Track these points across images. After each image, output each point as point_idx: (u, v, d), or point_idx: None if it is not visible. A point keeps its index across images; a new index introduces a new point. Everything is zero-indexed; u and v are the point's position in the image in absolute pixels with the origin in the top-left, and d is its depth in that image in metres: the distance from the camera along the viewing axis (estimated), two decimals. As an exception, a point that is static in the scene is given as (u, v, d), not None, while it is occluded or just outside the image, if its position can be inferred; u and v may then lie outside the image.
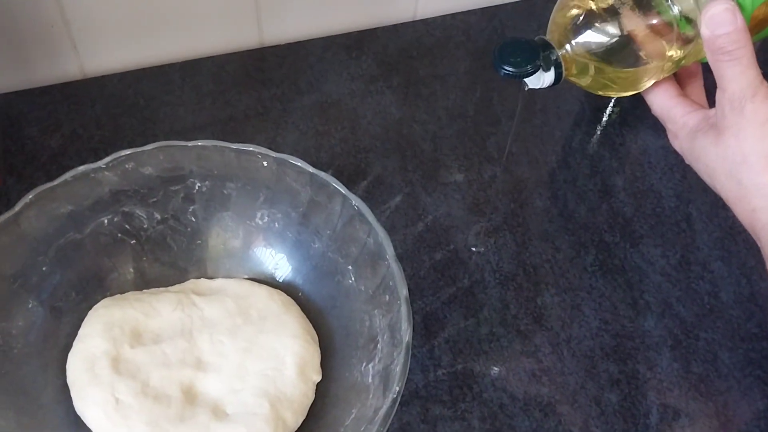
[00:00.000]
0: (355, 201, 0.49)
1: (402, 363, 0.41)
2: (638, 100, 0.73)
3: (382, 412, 0.40)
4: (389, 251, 0.46)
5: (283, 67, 0.72)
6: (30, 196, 0.47)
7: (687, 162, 0.45)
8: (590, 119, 0.71)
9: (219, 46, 0.72)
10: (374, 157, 0.66)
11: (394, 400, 0.40)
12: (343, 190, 0.49)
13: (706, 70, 0.43)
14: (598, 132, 0.70)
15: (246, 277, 0.53)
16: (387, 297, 0.46)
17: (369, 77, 0.72)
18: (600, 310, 0.57)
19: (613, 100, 0.73)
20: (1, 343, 0.45)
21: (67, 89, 0.67)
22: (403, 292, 0.44)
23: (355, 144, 0.67)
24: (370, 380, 0.45)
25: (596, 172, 0.66)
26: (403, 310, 0.44)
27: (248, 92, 0.69)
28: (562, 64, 0.43)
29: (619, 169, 0.67)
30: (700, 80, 0.48)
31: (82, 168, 0.48)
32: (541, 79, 0.44)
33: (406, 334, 0.42)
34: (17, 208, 0.46)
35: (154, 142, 0.51)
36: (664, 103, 0.46)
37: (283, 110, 0.69)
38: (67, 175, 0.48)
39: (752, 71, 0.39)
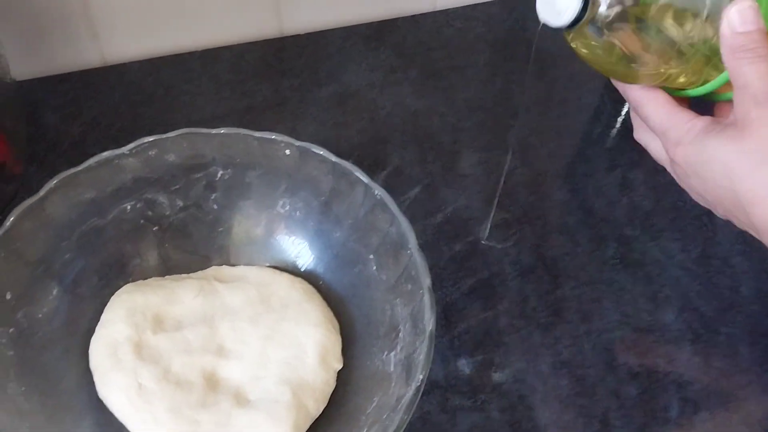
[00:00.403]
0: (378, 190, 0.49)
1: (425, 352, 0.41)
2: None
3: (405, 400, 0.40)
4: (412, 241, 0.46)
5: (302, 57, 0.72)
6: (54, 182, 0.47)
7: (686, 174, 0.42)
8: (610, 112, 0.71)
9: (238, 36, 0.72)
10: (393, 148, 0.66)
11: (417, 389, 0.40)
12: (365, 179, 0.49)
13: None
14: (618, 125, 0.69)
15: (267, 265, 0.53)
16: (409, 286, 0.46)
17: (388, 68, 0.72)
18: (620, 304, 0.57)
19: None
20: (26, 327, 0.45)
21: (87, 77, 0.67)
22: (426, 281, 0.44)
23: (374, 135, 0.67)
24: (392, 369, 0.45)
25: (616, 166, 0.66)
26: (427, 299, 0.43)
27: (267, 82, 0.69)
28: None
29: (638, 162, 0.66)
30: None
31: (105, 154, 0.48)
32: (564, 7, 0.41)
33: (429, 323, 0.42)
34: (42, 193, 0.46)
35: (173, 130, 0.52)
36: (665, 110, 0.43)
37: (301, 100, 0.69)
38: (91, 161, 0.48)
39: None
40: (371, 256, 0.50)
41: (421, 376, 0.40)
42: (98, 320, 0.49)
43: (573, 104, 0.71)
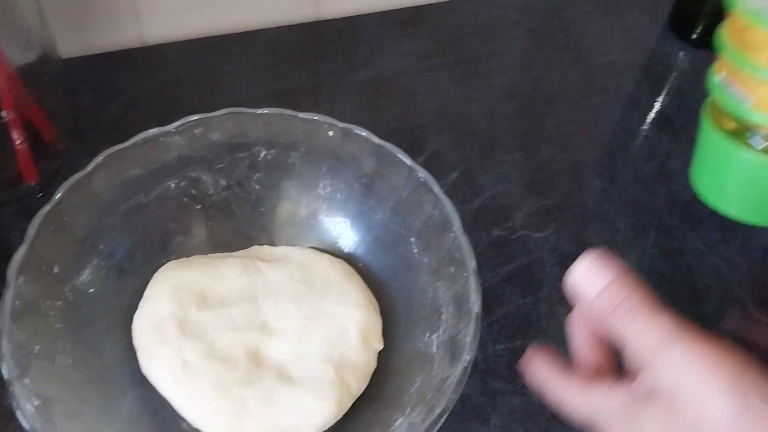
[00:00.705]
0: (421, 172, 0.49)
1: (472, 333, 0.41)
2: (698, 83, 0.73)
3: (452, 381, 0.40)
4: (456, 223, 0.46)
5: (338, 41, 0.72)
6: (101, 158, 0.47)
7: None
8: (647, 100, 0.70)
9: (276, 19, 0.72)
10: (429, 134, 0.65)
11: (465, 369, 0.40)
12: (408, 161, 0.49)
13: None
14: (657, 114, 0.69)
15: (308, 246, 0.53)
16: (452, 269, 0.46)
17: (423, 53, 0.72)
18: (659, 292, 0.55)
19: (667, 87, 0.72)
20: (72, 301, 0.45)
21: (127, 56, 0.68)
22: (472, 264, 0.44)
23: (410, 120, 0.66)
24: (434, 350, 0.45)
25: (655, 155, 0.66)
26: (472, 282, 0.43)
27: (304, 66, 0.69)
28: None
29: (678, 152, 0.66)
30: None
31: (152, 131, 0.48)
32: None
33: (475, 305, 0.42)
34: (89, 168, 0.46)
35: (214, 111, 0.52)
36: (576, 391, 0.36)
37: (337, 85, 0.68)
38: (137, 138, 0.48)
39: (661, 316, 0.33)
40: (412, 239, 0.50)
41: (468, 357, 0.40)
42: (140, 297, 0.49)
43: (611, 92, 0.70)
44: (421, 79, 0.70)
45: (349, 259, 0.53)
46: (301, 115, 0.51)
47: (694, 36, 0.76)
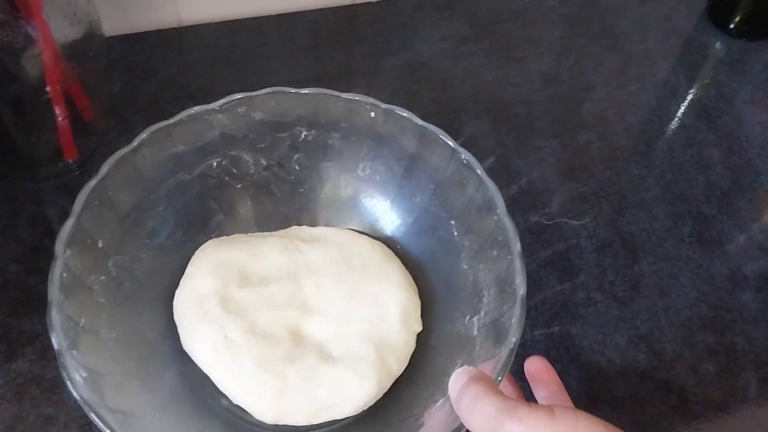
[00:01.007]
0: (465, 154, 0.48)
1: (517, 315, 0.41)
2: (734, 73, 0.72)
3: (499, 363, 0.39)
4: (501, 206, 0.46)
5: (374, 24, 0.72)
6: (146, 134, 0.47)
7: None
8: (684, 89, 0.70)
9: (312, 2, 0.72)
10: (466, 118, 0.65)
11: (510, 351, 0.40)
12: (451, 143, 0.49)
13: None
14: (694, 103, 0.68)
15: (346, 227, 0.53)
16: (495, 252, 0.46)
17: (460, 38, 0.71)
18: (697, 281, 0.56)
19: (703, 76, 0.72)
20: (115, 276, 0.45)
21: (163, 36, 0.68)
22: (517, 246, 0.44)
23: (447, 105, 0.66)
24: (475, 333, 0.45)
25: (692, 144, 0.65)
26: (517, 264, 0.43)
27: (340, 48, 0.69)
28: None
29: (715, 141, 0.66)
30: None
31: (196, 108, 0.48)
32: None
33: (520, 287, 0.42)
34: (134, 144, 0.46)
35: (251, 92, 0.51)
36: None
37: (374, 68, 0.68)
38: (182, 115, 0.48)
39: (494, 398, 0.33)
40: (452, 222, 0.50)
41: (514, 339, 0.40)
42: (181, 274, 0.49)
43: (647, 80, 0.70)
44: (458, 64, 0.69)
45: (387, 241, 0.53)
46: (344, 95, 0.50)
47: (732, 26, 0.75)
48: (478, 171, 0.47)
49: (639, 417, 0.49)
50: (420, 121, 0.50)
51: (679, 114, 0.68)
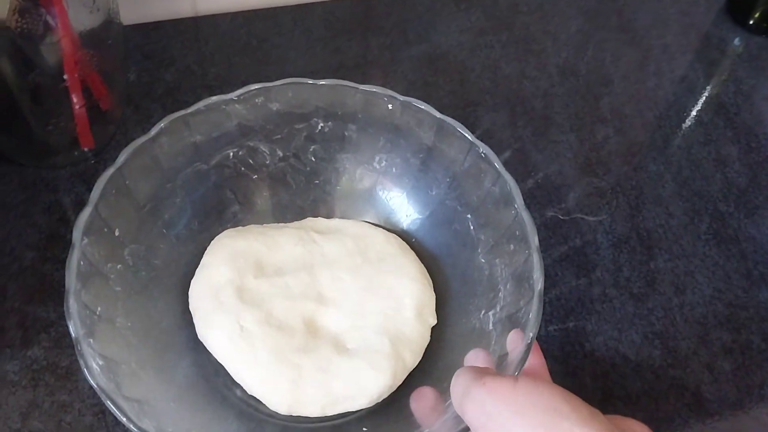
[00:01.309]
0: (483, 148, 0.48)
1: (535, 311, 0.41)
2: (753, 70, 0.71)
3: (515, 358, 0.39)
4: (519, 200, 0.45)
5: (391, 15, 0.71)
6: (163, 123, 0.47)
7: None
8: (703, 86, 0.69)
9: (329, -9, 0.71)
10: (483, 111, 0.65)
11: (527, 346, 0.39)
12: (469, 135, 0.49)
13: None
14: (712, 100, 0.68)
15: (361, 220, 0.53)
16: (512, 246, 0.46)
17: (478, 30, 0.71)
18: (713, 279, 0.56)
19: (722, 72, 0.71)
20: (131, 265, 0.45)
21: (180, 25, 0.68)
22: (535, 241, 0.44)
23: (464, 97, 0.66)
24: (490, 327, 0.45)
25: (710, 141, 0.65)
26: (535, 259, 0.43)
27: (357, 39, 0.69)
28: None
29: (733, 138, 0.65)
30: None
31: (214, 98, 0.48)
32: None
33: (538, 282, 0.42)
34: (152, 133, 0.46)
35: (268, 83, 0.51)
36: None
37: (391, 59, 0.68)
38: (200, 104, 0.48)
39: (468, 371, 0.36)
40: (469, 216, 0.50)
41: (531, 334, 0.40)
42: (196, 264, 0.49)
43: (666, 76, 0.69)
44: (476, 56, 0.69)
45: (402, 234, 0.53)
46: (361, 87, 0.50)
47: (751, 21, 0.74)
48: (496, 164, 0.47)
49: (653, 414, 0.49)
50: (438, 114, 0.50)
51: (696, 110, 0.67)
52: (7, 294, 0.50)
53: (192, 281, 0.48)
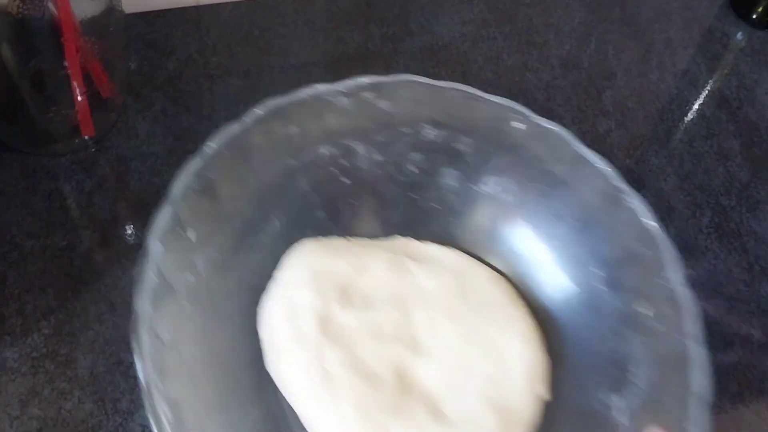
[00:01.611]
0: (632, 200, 0.41)
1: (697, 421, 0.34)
2: (756, 64, 0.71)
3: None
4: (675, 272, 0.38)
5: (394, 6, 0.71)
6: (260, 111, 0.41)
7: None
8: (705, 80, 0.69)
9: (331, -19, 0.71)
10: (485, 103, 0.65)
11: None
12: (630, 194, 0.42)
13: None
14: (714, 94, 0.68)
15: (456, 247, 0.46)
16: (663, 327, 0.39)
17: (481, 22, 0.71)
18: (714, 272, 0.56)
19: (724, 66, 0.71)
20: (204, 275, 0.40)
21: (182, 14, 0.67)
22: (695, 329, 0.37)
23: (465, 89, 0.66)
24: (613, 413, 0.38)
25: (712, 134, 0.65)
26: (696, 354, 0.36)
27: (360, 30, 0.69)
28: None
29: (735, 132, 0.65)
30: None
31: (321, 87, 0.43)
32: None
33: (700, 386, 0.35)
34: (247, 121, 0.41)
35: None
36: None
37: (394, 50, 0.68)
38: (302, 93, 0.42)
39: None
40: (596, 269, 0.42)
41: None
42: (268, 275, 0.43)
43: (668, 69, 0.69)
44: (478, 48, 0.69)
45: (503, 273, 0.45)
46: (488, 97, 0.45)
47: (754, 16, 0.74)
48: (649, 222, 0.40)
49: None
50: (577, 144, 0.43)
51: (699, 104, 0.67)
52: (7, 281, 0.50)
53: (265, 297, 0.42)
